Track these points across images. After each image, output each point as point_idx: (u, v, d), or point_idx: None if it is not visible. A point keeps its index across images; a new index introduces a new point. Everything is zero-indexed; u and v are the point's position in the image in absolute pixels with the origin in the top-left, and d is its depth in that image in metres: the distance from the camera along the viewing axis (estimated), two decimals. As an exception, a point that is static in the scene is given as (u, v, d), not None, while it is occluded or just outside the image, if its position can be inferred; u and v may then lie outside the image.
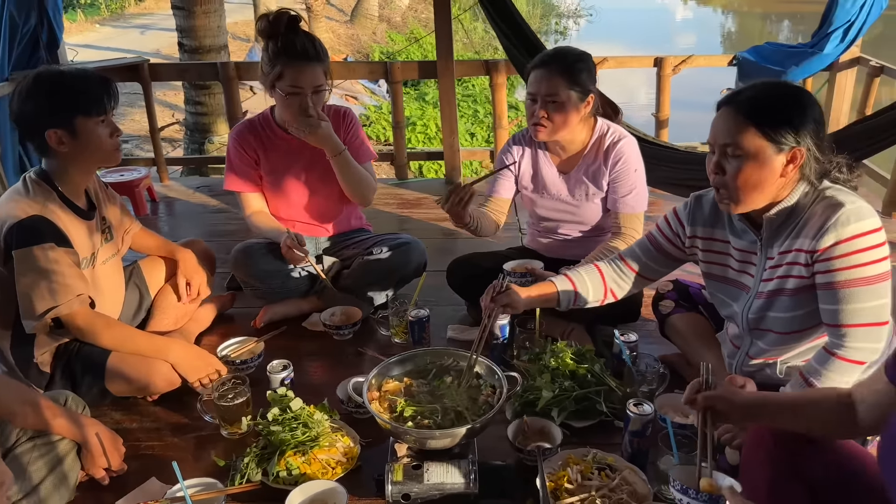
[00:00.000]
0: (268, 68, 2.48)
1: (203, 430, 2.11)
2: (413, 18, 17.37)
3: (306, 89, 2.45)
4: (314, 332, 2.67)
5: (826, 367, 1.74)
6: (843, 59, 4.10)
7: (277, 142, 2.66)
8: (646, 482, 1.79)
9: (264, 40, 2.49)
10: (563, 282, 2.11)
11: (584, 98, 2.36)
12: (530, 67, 2.40)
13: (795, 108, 1.67)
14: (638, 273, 2.12)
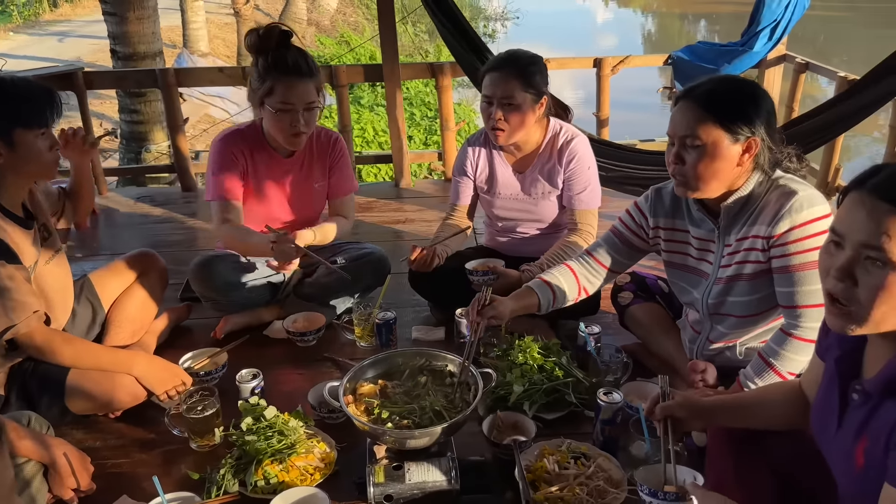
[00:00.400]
0: (257, 84, 2.42)
1: (171, 445, 2.07)
2: (342, 22, 17.26)
3: (297, 106, 2.40)
4: (277, 339, 2.64)
5: (783, 347, 1.83)
6: (770, 56, 4.31)
7: (265, 154, 2.60)
8: (619, 468, 1.85)
9: (254, 56, 2.43)
10: (541, 287, 2.15)
11: (539, 99, 2.42)
12: (484, 71, 2.44)
13: (750, 100, 1.76)
14: (606, 267, 2.18)
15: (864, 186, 1.19)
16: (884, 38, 15.58)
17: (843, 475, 1.37)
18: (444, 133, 4.36)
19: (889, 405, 1.21)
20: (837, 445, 1.35)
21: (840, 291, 1.21)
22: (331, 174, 2.70)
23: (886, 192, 1.15)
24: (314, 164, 2.66)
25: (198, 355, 2.35)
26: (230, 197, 2.51)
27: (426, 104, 10.87)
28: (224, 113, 9.20)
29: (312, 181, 2.68)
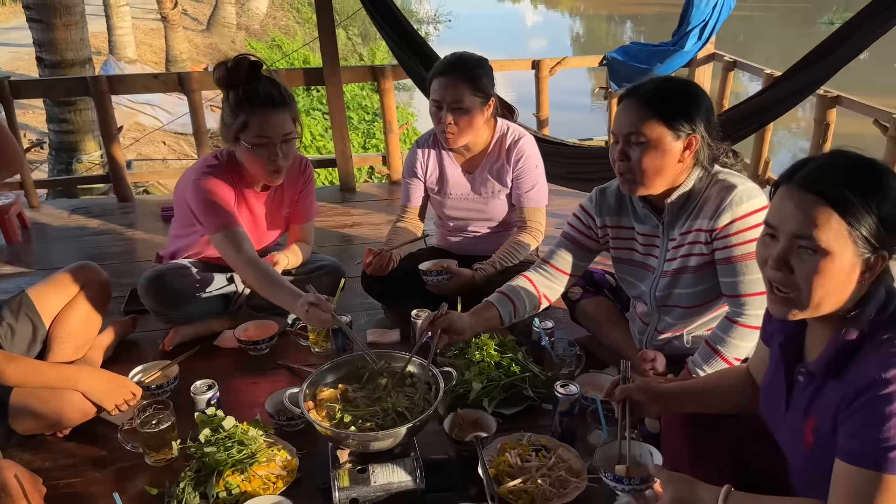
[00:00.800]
0: (230, 119, 2.33)
1: (125, 461, 2.02)
2: (273, 25, 17.03)
3: (274, 138, 2.32)
4: (228, 349, 2.60)
5: (729, 334, 1.92)
6: (700, 55, 4.47)
7: (244, 186, 2.51)
8: (579, 457, 1.90)
9: (223, 90, 2.35)
10: (500, 300, 2.15)
11: (486, 102, 2.46)
12: (432, 75, 2.46)
13: (690, 99, 1.83)
14: (564, 272, 2.21)
15: (792, 180, 1.26)
16: (797, 35, 16.36)
17: (793, 453, 1.44)
18: (387, 136, 4.36)
19: (832, 385, 1.29)
20: (787, 425, 1.42)
21: (778, 280, 1.28)
22: (298, 200, 2.66)
23: (812, 185, 1.23)
24: (286, 191, 2.61)
25: (147, 368, 2.30)
26: (233, 224, 2.34)
27: (363, 107, 10.84)
28: (155, 121, 8.95)
29: (282, 208, 2.65)
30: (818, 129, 3.53)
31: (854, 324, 1.26)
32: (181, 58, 11.44)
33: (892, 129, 3.02)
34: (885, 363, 1.19)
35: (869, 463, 1.18)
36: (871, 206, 1.20)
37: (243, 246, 2.31)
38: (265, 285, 2.25)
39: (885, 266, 1.26)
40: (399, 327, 2.65)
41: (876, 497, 1.18)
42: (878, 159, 1.30)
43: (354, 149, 9.29)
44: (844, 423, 1.23)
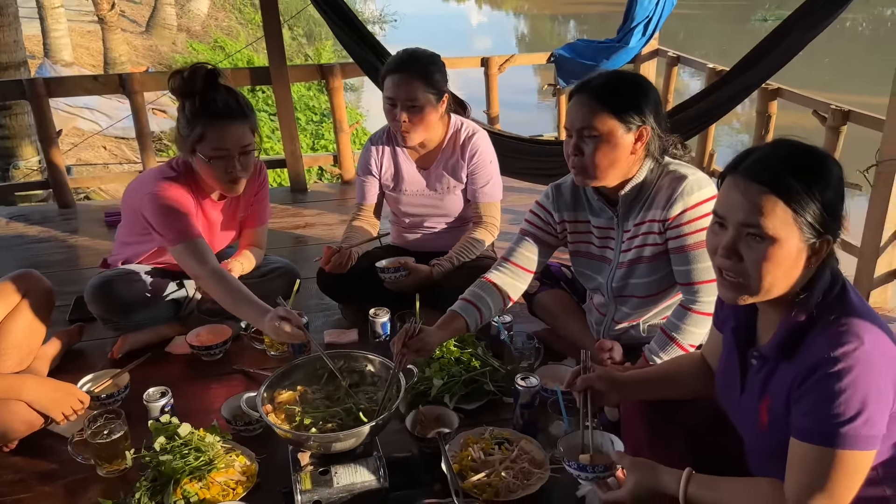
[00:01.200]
0: (186, 130, 2.25)
1: (77, 474, 1.94)
2: (215, 27, 16.70)
3: (232, 151, 2.24)
4: (180, 355, 2.53)
5: (684, 321, 1.95)
6: (645, 51, 4.55)
7: (202, 196, 2.44)
8: (541, 448, 1.92)
9: (179, 100, 2.26)
10: (465, 308, 2.09)
11: (440, 98, 2.46)
12: (385, 72, 2.44)
13: (639, 91, 1.87)
14: (525, 269, 2.20)
15: (737, 170, 1.30)
16: (734, 32, 16.85)
17: (749, 434, 1.48)
18: (338, 135, 4.32)
19: (784, 366, 1.32)
20: (743, 408, 1.46)
21: (728, 267, 1.32)
22: (252, 203, 2.61)
23: (756, 174, 1.27)
24: (242, 196, 2.54)
25: (97, 378, 2.22)
26: (197, 235, 2.28)
27: (310, 108, 10.72)
28: (94, 125, 8.68)
29: (238, 213, 2.60)
30: (760, 120, 3.64)
31: (803, 306, 1.30)
32: (120, 60, 11.11)
33: (830, 120, 3.13)
34: (834, 342, 1.23)
35: (822, 439, 1.22)
36: (814, 192, 1.24)
37: (206, 257, 2.24)
38: (230, 299, 2.19)
39: (830, 250, 1.30)
40: (357, 327, 2.62)
41: (830, 472, 1.22)
42: (819, 146, 1.34)
43: (303, 150, 9.16)
44: (797, 403, 1.27)
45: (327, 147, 8.82)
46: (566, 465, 1.57)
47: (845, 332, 1.23)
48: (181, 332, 2.60)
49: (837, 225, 1.28)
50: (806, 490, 1.24)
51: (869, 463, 1.23)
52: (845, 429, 1.20)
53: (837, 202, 1.27)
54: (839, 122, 3.12)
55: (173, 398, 2.09)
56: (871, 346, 1.21)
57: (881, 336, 1.24)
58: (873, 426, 1.20)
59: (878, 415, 1.20)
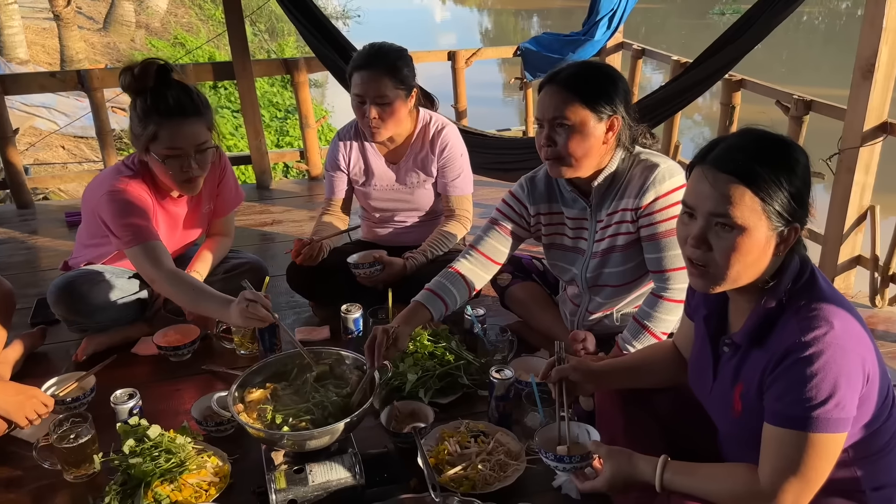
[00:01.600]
0: (138, 129, 2.18)
1: (43, 480, 1.89)
2: (174, 23, 16.41)
3: (187, 149, 2.18)
4: (147, 356, 2.48)
5: (655, 309, 1.97)
6: (610, 44, 4.58)
7: (160, 194, 2.37)
8: (516, 440, 1.92)
9: (131, 97, 2.19)
10: (430, 298, 2.08)
11: (409, 93, 2.44)
12: (353, 68, 2.41)
13: (608, 80, 1.87)
14: (491, 259, 2.20)
15: (705, 161, 1.32)
16: (694, 26, 17.10)
17: (723, 421, 1.50)
18: (304, 131, 4.26)
19: (756, 353, 1.34)
20: (716, 396, 1.48)
21: (697, 257, 1.33)
22: (218, 193, 2.55)
23: (724, 164, 1.28)
24: (204, 188, 2.47)
25: (62, 381, 2.16)
26: (153, 237, 2.22)
27: (274, 104, 10.59)
28: (52, 124, 8.46)
29: (202, 207, 2.53)
30: (724, 111, 3.69)
31: (773, 293, 1.32)
32: (77, 58, 10.86)
33: (793, 110, 3.18)
34: (804, 327, 1.25)
35: (795, 423, 1.24)
36: (781, 181, 1.25)
37: (162, 260, 2.19)
38: (190, 298, 2.15)
39: (799, 237, 1.32)
40: (328, 324, 2.60)
41: (803, 455, 1.24)
42: (785, 135, 1.36)
43: (268, 146, 9.06)
44: (770, 388, 1.29)
45: (293, 143, 8.73)
46: (543, 456, 1.57)
47: (815, 317, 1.25)
48: (147, 332, 2.55)
49: (804, 212, 1.30)
50: (780, 473, 1.26)
51: (840, 445, 1.25)
52: (817, 412, 1.22)
53: (804, 190, 1.29)
54: (802, 112, 3.17)
55: (141, 400, 2.05)
56: (840, 330, 1.23)
57: (850, 320, 1.26)
58: (844, 409, 1.22)
59: (849, 398, 1.22)
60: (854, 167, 2.80)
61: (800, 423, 1.23)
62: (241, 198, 2.66)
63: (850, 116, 2.81)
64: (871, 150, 2.80)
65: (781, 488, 1.25)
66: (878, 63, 2.64)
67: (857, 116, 2.76)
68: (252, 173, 4.32)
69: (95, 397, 2.14)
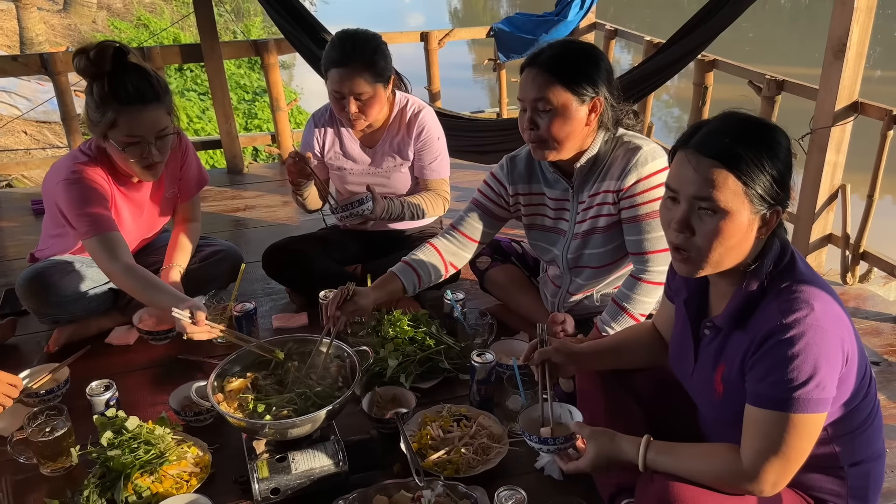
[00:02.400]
0: (96, 116, 2.11)
1: (18, 474, 1.86)
2: (137, 3, 16.00)
3: (147, 136, 2.12)
4: (121, 346, 2.44)
5: (635, 291, 1.98)
6: (583, 24, 4.56)
7: (119, 179, 2.31)
8: (498, 423, 1.93)
9: (87, 81, 2.11)
10: (404, 270, 2.11)
11: (387, 83, 2.40)
12: (329, 63, 2.34)
13: (590, 62, 1.86)
14: (471, 238, 2.21)
15: (688, 145, 1.32)
16: (662, 6, 17.13)
17: (704, 403, 1.51)
18: (275, 114, 4.19)
19: (737, 335, 1.36)
20: (697, 377, 1.49)
21: (681, 242, 1.34)
22: (181, 176, 2.50)
23: (707, 148, 1.28)
24: (165, 173, 2.42)
25: (34, 373, 2.11)
26: (109, 228, 2.17)
27: (242, 87, 10.42)
28: (13, 109, 8.23)
29: (164, 192, 2.48)
30: (697, 91, 3.70)
31: (754, 276, 1.33)
32: (37, 40, 10.54)
33: (765, 90, 3.21)
34: (785, 310, 1.26)
35: (776, 404, 1.26)
36: (764, 164, 1.26)
37: (118, 252, 2.14)
38: (143, 292, 2.10)
39: (780, 220, 1.33)
40: (306, 310, 2.58)
41: (784, 435, 1.26)
42: (767, 119, 1.37)
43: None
44: (751, 370, 1.30)
45: (261, 126, 8.60)
46: (527, 439, 1.58)
47: (796, 299, 1.26)
48: (121, 322, 2.51)
49: (786, 195, 1.31)
50: (761, 453, 1.28)
51: (820, 425, 1.28)
52: (798, 393, 1.23)
53: (786, 173, 1.30)
54: (774, 92, 3.20)
55: (118, 391, 2.01)
56: (821, 312, 1.25)
57: (830, 302, 1.28)
58: (824, 389, 1.24)
59: (829, 378, 1.24)
60: (826, 146, 2.83)
61: (781, 403, 1.25)
62: (205, 180, 2.61)
63: (822, 96, 2.84)
64: (842, 129, 2.83)
65: (763, 468, 1.27)
66: (849, 42, 2.67)
67: (829, 96, 2.79)
68: (222, 158, 4.24)
69: (70, 389, 2.11)
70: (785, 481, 1.30)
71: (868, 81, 2.84)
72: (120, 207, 2.33)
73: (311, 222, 3.33)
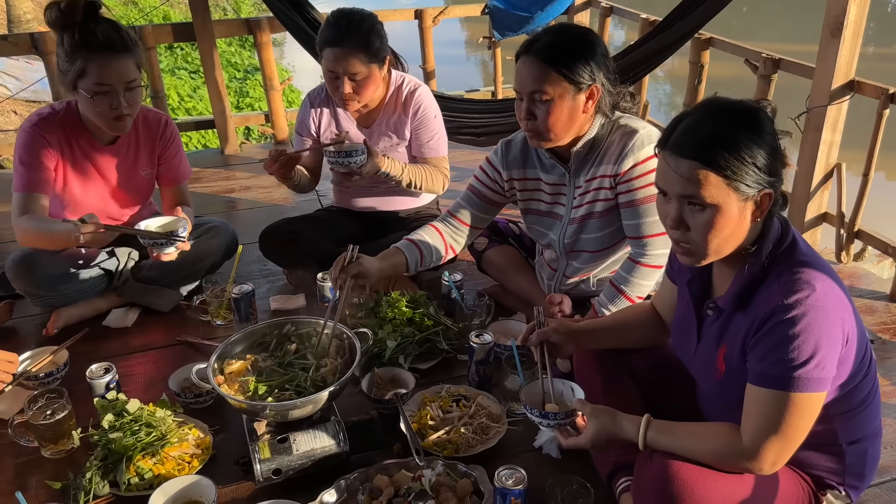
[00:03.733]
0: (66, 65, 2.13)
1: (19, 457, 1.87)
2: (127, -20, 15.79)
3: (116, 86, 2.14)
4: (119, 329, 2.44)
5: (632, 274, 1.99)
6: (578, 1, 4.53)
7: (83, 140, 2.31)
8: (497, 403, 1.94)
9: (57, 32, 2.12)
10: (408, 247, 2.12)
11: (383, 63, 2.38)
12: (323, 43, 2.32)
13: (587, 49, 1.84)
14: (469, 224, 2.21)
15: (666, 146, 1.33)
16: (661, -17, 16.96)
17: (706, 382, 1.53)
18: (268, 93, 4.15)
19: (739, 316, 1.37)
20: (699, 357, 1.51)
21: (679, 237, 1.36)
22: (162, 161, 2.49)
23: (684, 149, 1.29)
24: (141, 149, 2.43)
25: (33, 356, 2.11)
26: (36, 189, 2.22)
27: (233, 65, 10.31)
28: (2, 89, 8.13)
29: (139, 168, 2.46)
30: (693, 70, 3.69)
31: (755, 258, 1.34)
32: (25, 18, 10.40)
33: (761, 68, 3.20)
34: (787, 290, 1.27)
35: (777, 384, 1.27)
36: (744, 155, 1.26)
37: (31, 210, 2.21)
38: (37, 233, 2.19)
39: (775, 198, 1.33)
40: (303, 292, 2.58)
41: (785, 414, 1.27)
42: (748, 101, 1.35)
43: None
44: (753, 349, 1.32)
45: (253, 105, 8.52)
46: (528, 412, 1.58)
47: (797, 280, 1.27)
48: (118, 303, 2.51)
49: (777, 177, 1.31)
50: (762, 433, 1.29)
51: (820, 404, 1.29)
52: (799, 372, 1.25)
53: (772, 155, 1.29)
54: (770, 70, 3.19)
55: (118, 373, 2.02)
56: (822, 293, 1.26)
57: (831, 283, 1.29)
58: (824, 369, 1.25)
59: (829, 358, 1.26)
60: (822, 125, 2.83)
61: (781, 383, 1.27)
62: (189, 171, 2.62)
63: (819, 74, 2.83)
64: (838, 108, 2.83)
65: (763, 446, 1.29)
66: (846, 21, 2.66)
67: (826, 74, 2.78)
68: (214, 137, 4.20)
69: (69, 371, 2.11)
70: (784, 459, 1.31)
71: (862, 58, 2.83)
72: (79, 167, 2.34)
73: (307, 203, 3.32)
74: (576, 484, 1.57)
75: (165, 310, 2.50)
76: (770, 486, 1.39)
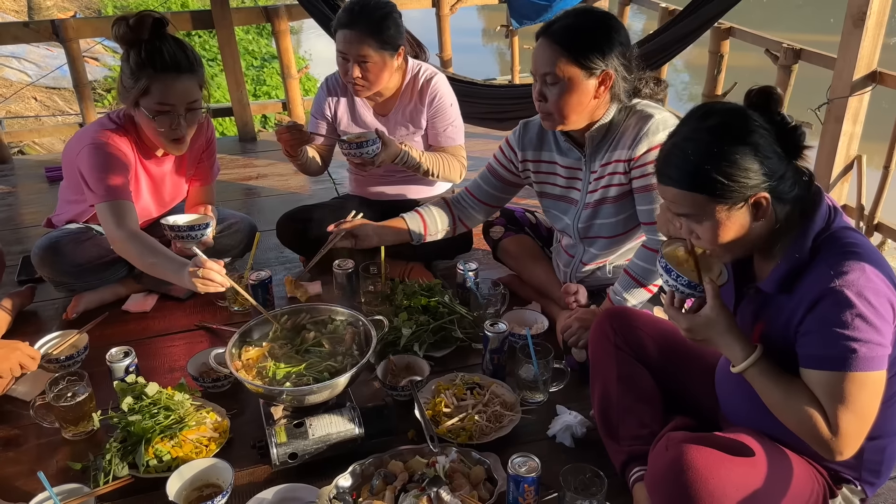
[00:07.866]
0: (130, 82, 2.12)
1: (41, 438, 1.90)
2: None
3: (178, 107, 2.13)
4: (138, 314, 2.47)
5: (647, 261, 1.98)
6: (596, -10, 4.50)
7: (144, 151, 2.31)
8: (511, 391, 1.95)
9: (124, 48, 2.12)
10: (411, 216, 2.18)
11: (395, 52, 2.38)
12: (337, 25, 2.33)
13: (603, 34, 1.84)
14: (483, 202, 2.24)
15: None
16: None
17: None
18: (286, 81, 4.17)
19: (782, 298, 1.37)
20: None
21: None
22: (201, 161, 2.51)
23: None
24: (189, 153, 2.43)
25: (54, 339, 2.15)
26: (122, 196, 2.16)
27: (250, 53, 10.33)
28: (22, 75, 8.21)
29: (186, 171, 2.49)
30: (713, 60, 3.66)
31: (800, 242, 1.34)
32: (45, 5, 10.49)
33: (782, 59, 3.17)
34: (836, 272, 1.27)
35: (834, 364, 1.27)
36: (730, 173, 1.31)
37: (126, 219, 2.13)
38: (146, 258, 2.07)
39: (791, 185, 1.33)
40: (319, 279, 2.60)
41: (846, 394, 1.26)
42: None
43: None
44: (805, 334, 1.31)
45: (270, 94, 8.55)
46: (661, 268, 1.46)
47: (848, 262, 1.27)
48: (137, 289, 2.54)
49: (769, 176, 1.31)
50: (836, 411, 1.28)
51: (882, 382, 1.29)
52: (858, 353, 1.25)
53: (756, 156, 1.31)
54: (791, 60, 3.16)
55: (137, 357, 2.04)
56: (872, 273, 1.26)
57: (879, 263, 1.29)
58: (881, 347, 1.26)
59: (885, 335, 1.26)
60: (843, 116, 2.81)
61: (839, 363, 1.26)
62: (219, 171, 2.65)
63: (840, 65, 2.80)
64: (859, 99, 2.80)
65: (841, 423, 1.27)
66: (869, 11, 2.63)
67: (847, 65, 2.76)
68: (232, 125, 4.23)
69: (89, 355, 2.14)
70: (860, 439, 1.30)
71: (884, 49, 2.79)
72: (140, 180, 2.34)
73: (324, 191, 3.34)
74: (589, 473, 1.57)
75: (183, 297, 2.52)
76: (784, 477, 1.39)
